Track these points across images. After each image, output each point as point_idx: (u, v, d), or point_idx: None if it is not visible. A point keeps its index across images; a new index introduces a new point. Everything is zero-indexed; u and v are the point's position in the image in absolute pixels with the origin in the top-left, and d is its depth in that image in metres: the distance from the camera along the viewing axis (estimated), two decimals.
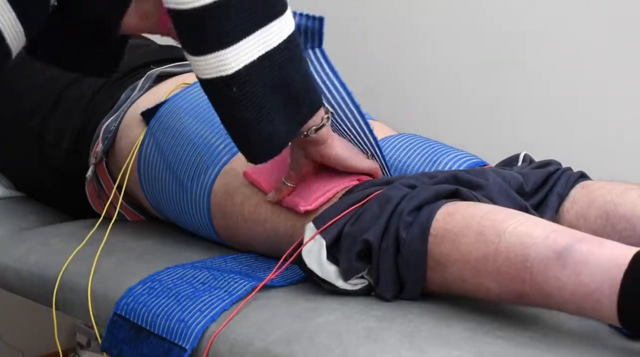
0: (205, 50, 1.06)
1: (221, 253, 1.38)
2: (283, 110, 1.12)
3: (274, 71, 1.10)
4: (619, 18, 1.69)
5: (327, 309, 1.15)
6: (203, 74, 1.08)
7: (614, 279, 0.99)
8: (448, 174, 1.22)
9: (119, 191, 1.48)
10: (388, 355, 1.04)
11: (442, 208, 1.14)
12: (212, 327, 1.16)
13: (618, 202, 1.24)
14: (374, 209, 1.16)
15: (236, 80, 1.07)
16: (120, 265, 1.37)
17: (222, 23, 1.05)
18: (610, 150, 1.72)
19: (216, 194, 1.35)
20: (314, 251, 1.17)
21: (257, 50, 1.08)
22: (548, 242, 1.04)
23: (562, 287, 1.03)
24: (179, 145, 1.39)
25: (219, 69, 1.07)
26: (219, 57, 1.06)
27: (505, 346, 1.04)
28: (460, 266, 1.11)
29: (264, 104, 1.10)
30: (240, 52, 1.06)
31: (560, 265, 1.02)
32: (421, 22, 1.95)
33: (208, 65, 1.07)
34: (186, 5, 1.04)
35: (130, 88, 1.54)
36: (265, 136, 1.12)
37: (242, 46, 1.07)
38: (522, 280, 1.05)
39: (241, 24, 1.06)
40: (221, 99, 1.10)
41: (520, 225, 1.08)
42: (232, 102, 1.09)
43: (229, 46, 1.06)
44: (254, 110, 1.10)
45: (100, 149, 1.50)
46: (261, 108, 1.10)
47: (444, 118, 1.93)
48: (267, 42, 1.08)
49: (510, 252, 1.06)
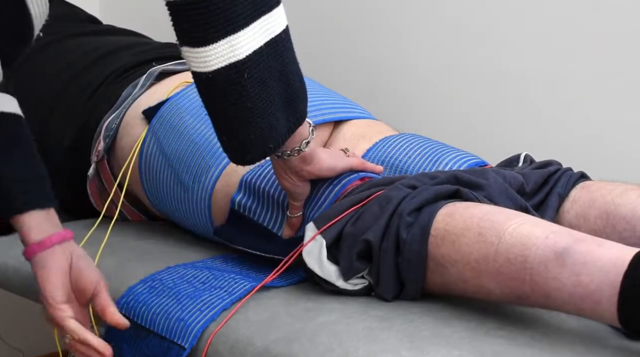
0: (215, 37, 1.03)
1: (222, 253, 1.38)
2: (283, 103, 1.11)
3: (277, 59, 1.08)
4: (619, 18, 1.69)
5: (327, 309, 1.15)
6: (210, 65, 1.05)
7: (614, 279, 0.99)
8: (449, 175, 1.23)
9: (120, 189, 1.48)
10: (388, 355, 1.04)
11: (442, 209, 1.14)
12: (211, 327, 1.16)
13: (618, 203, 1.24)
14: (374, 210, 1.16)
15: (247, 65, 1.05)
16: (120, 265, 1.37)
17: (233, 6, 1.03)
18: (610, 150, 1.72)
19: (217, 195, 1.35)
20: (314, 251, 1.17)
21: (262, 37, 1.06)
22: (548, 243, 1.04)
23: (561, 287, 1.03)
24: (181, 145, 1.39)
25: (230, 55, 1.04)
26: (232, 42, 1.03)
27: (506, 346, 1.04)
28: (460, 267, 1.11)
29: (269, 93, 1.08)
30: (249, 37, 1.05)
31: (560, 266, 1.02)
32: (422, 23, 1.95)
33: (217, 54, 1.04)
34: None
35: (132, 85, 1.54)
36: (267, 129, 1.10)
37: (250, 31, 1.05)
38: (522, 281, 1.05)
39: (248, 9, 1.04)
40: (230, 89, 1.07)
41: (520, 226, 1.08)
42: (242, 91, 1.06)
43: (240, 30, 1.04)
44: (260, 98, 1.07)
45: (102, 147, 1.50)
46: (267, 97, 1.08)
47: (444, 118, 1.93)
48: (271, 29, 1.07)
49: (510, 253, 1.06)
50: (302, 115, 1.15)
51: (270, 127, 1.10)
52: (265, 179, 1.30)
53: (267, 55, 1.07)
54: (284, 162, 1.20)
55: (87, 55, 1.65)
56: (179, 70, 1.56)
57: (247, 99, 1.07)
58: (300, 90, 1.13)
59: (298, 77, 1.13)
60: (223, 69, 1.05)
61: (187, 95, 1.45)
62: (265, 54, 1.06)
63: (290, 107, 1.12)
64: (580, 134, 1.75)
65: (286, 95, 1.11)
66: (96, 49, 1.66)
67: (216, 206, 1.35)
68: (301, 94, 1.14)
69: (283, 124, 1.11)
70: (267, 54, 1.07)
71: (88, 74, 1.60)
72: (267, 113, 1.09)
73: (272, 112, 1.09)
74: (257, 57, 1.06)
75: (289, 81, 1.10)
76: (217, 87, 1.07)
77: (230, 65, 1.04)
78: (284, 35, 1.09)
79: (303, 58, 1.16)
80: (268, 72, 1.07)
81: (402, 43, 1.99)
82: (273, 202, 1.29)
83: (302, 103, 1.14)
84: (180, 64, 1.57)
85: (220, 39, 1.03)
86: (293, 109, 1.13)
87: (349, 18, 2.07)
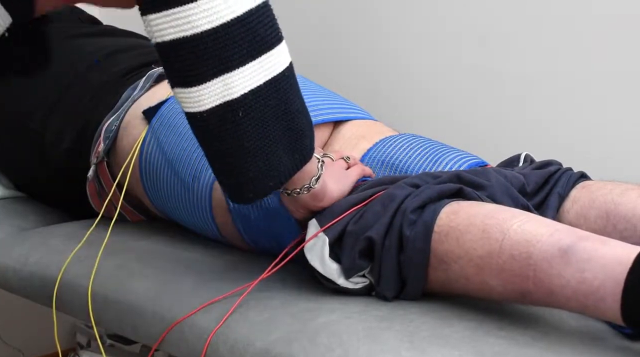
0: (209, 76, 1.02)
1: (223, 253, 1.38)
2: (287, 141, 1.08)
3: (279, 98, 1.06)
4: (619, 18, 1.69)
5: (327, 309, 1.15)
6: (204, 104, 1.03)
7: (618, 277, 0.99)
8: (451, 174, 1.23)
9: (119, 189, 1.48)
10: (388, 355, 1.04)
11: (446, 207, 1.14)
12: (211, 327, 1.16)
13: (618, 202, 1.24)
14: (377, 208, 1.17)
15: (242, 104, 1.03)
16: (120, 265, 1.37)
17: (227, 47, 1.01)
18: (610, 150, 1.72)
19: (218, 191, 1.35)
20: (316, 248, 1.17)
21: (262, 76, 1.04)
22: (552, 240, 1.04)
23: (565, 284, 1.03)
24: (181, 143, 1.39)
25: (224, 93, 1.03)
26: (226, 80, 1.02)
27: (506, 346, 1.04)
28: (463, 263, 1.11)
29: (268, 132, 1.06)
30: (246, 76, 1.03)
31: (564, 262, 1.03)
32: (422, 23, 1.95)
33: (211, 92, 1.02)
34: (188, 32, 1.00)
35: (131, 87, 1.54)
36: (269, 167, 1.08)
37: (247, 70, 1.03)
38: (525, 277, 1.05)
39: (244, 48, 1.02)
40: (224, 128, 1.05)
41: (525, 223, 1.08)
42: (237, 129, 1.04)
43: (235, 69, 1.02)
44: (259, 137, 1.05)
45: (102, 148, 1.50)
46: (266, 136, 1.06)
47: (444, 118, 1.93)
48: (271, 68, 1.05)
49: (515, 250, 1.06)
50: (308, 152, 1.12)
51: (270, 166, 1.07)
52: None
53: (266, 95, 1.05)
54: (294, 200, 1.18)
55: (87, 56, 1.65)
56: None
57: (243, 138, 1.05)
58: (306, 126, 1.11)
59: (303, 114, 1.10)
60: (217, 108, 1.03)
61: None
62: (264, 93, 1.05)
63: (295, 144, 1.09)
64: (580, 134, 1.76)
65: (289, 133, 1.08)
66: (96, 51, 1.65)
67: (217, 202, 1.35)
68: (307, 130, 1.11)
69: (286, 162, 1.09)
70: (266, 93, 1.05)
71: (88, 75, 1.60)
72: (266, 152, 1.06)
73: (272, 151, 1.07)
74: (254, 97, 1.04)
75: (292, 119, 1.08)
76: (212, 126, 1.05)
77: (224, 103, 1.03)
78: (286, 73, 1.07)
79: (303, 59, 1.16)
80: (268, 111, 1.05)
81: (402, 43, 1.99)
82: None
83: (307, 139, 1.11)
84: None
85: (214, 78, 1.02)
86: (298, 146, 1.10)
87: (349, 19, 2.07)
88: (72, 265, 1.39)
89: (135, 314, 1.29)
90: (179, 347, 1.21)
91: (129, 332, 1.31)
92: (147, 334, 1.27)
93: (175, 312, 1.22)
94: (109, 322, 1.34)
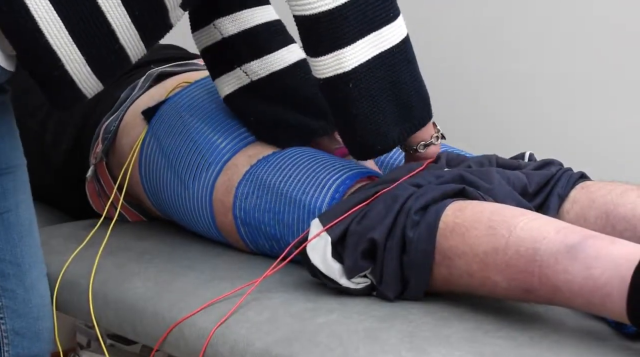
0: (323, 51, 1.17)
1: (223, 253, 1.38)
2: (394, 109, 1.22)
3: (387, 71, 1.20)
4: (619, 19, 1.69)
5: (327, 309, 1.15)
6: (322, 73, 1.19)
7: (625, 273, 0.99)
8: (454, 174, 1.23)
9: (119, 191, 1.48)
10: (388, 355, 1.04)
11: (452, 204, 1.14)
12: (210, 327, 1.16)
13: (618, 203, 1.24)
14: (380, 208, 1.16)
15: (352, 77, 1.18)
16: (120, 265, 1.37)
17: (340, 26, 1.16)
18: (610, 150, 1.72)
19: (218, 190, 1.35)
20: (319, 248, 1.17)
21: (371, 51, 1.18)
22: (560, 237, 1.05)
23: (571, 280, 1.02)
24: (181, 144, 1.39)
25: (336, 67, 1.18)
26: (337, 56, 1.17)
27: (506, 346, 1.04)
28: (468, 259, 1.11)
29: (376, 101, 1.20)
30: (356, 52, 1.17)
31: (571, 258, 1.02)
32: (422, 22, 1.95)
33: (326, 65, 1.18)
34: (308, 11, 1.15)
35: (130, 87, 1.54)
36: (375, 132, 1.21)
37: (357, 46, 1.17)
38: (530, 273, 1.05)
39: (357, 27, 1.17)
40: (337, 96, 1.20)
41: (532, 221, 1.08)
42: (347, 98, 1.19)
43: (346, 46, 1.17)
44: (368, 106, 1.20)
45: (100, 149, 1.50)
46: (374, 105, 1.20)
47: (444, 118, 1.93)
48: (381, 44, 1.19)
49: (521, 246, 1.06)
50: (418, 122, 1.25)
51: (377, 132, 1.21)
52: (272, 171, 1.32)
53: (375, 68, 1.19)
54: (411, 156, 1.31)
55: None
56: (177, 72, 1.56)
57: (352, 106, 1.20)
58: (415, 98, 1.23)
59: (414, 86, 1.23)
60: (331, 79, 1.19)
61: (187, 95, 1.45)
62: (373, 67, 1.19)
63: (404, 113, 1.23)
64: (580, 134, 1.76)
65: (398, 103, 1.22)
66: None
67: (217, 202, 1.35)
68: (416, 102, 1.24)
69: (393, 129, 1.23)
70: (375, 66, 1.19)
71: None
72: (373, 119, 1.21)
73: (380, 118, 1.21)
74: (363, 69, 1.18)
75: (400, 90, 1.21)
76: (327, 93, 1.22)
77: (335, 76, 1.18)
78: (398, 47, 1.21)
79: None
80: (376, 82, 1.19)
81: None
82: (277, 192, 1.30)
83: (417, 110, 1.24)
84: (178, 66, 1.57)
85: (328, 53, 1.17)
86: (407, 115, 1.23)
87: None
88: (73, 265, 1.39)
89: (135, 314, 1.29)
90: (179, 347, 1.21)
91: (129, 332, 1.31)
92: (147, 334, 1.27)
93: (175, 313, 1.22)
94: (109, 322, 1.34)
